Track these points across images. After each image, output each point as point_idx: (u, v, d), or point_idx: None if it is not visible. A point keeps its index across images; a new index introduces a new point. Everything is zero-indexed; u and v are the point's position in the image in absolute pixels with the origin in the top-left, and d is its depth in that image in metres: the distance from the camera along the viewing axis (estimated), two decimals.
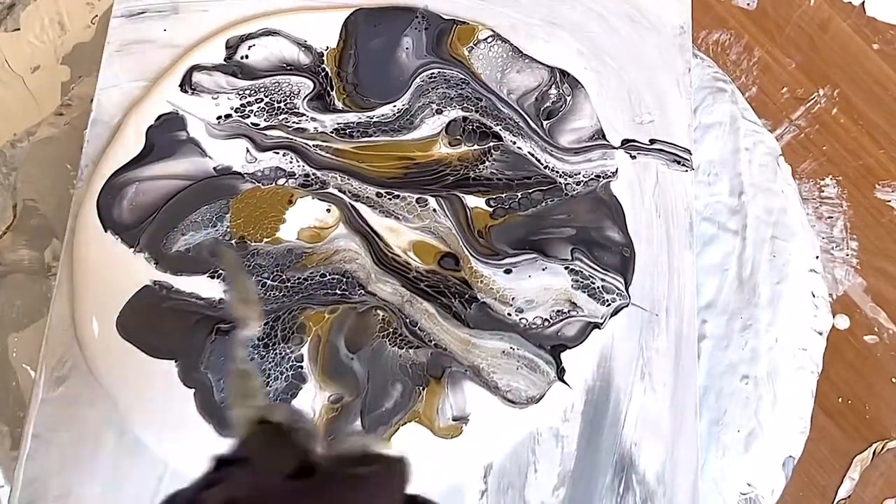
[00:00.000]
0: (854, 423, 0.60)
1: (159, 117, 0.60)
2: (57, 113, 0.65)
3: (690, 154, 0.62)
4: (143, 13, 0.64)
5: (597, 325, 0.57)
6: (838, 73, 0.69)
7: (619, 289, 0.58)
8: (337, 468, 0.33)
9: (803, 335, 0.60)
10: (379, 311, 0.57)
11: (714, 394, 0.59)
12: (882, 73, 0.69)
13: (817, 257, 0.62)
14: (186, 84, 0.61)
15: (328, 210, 0.59)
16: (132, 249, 0.57)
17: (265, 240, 0.58)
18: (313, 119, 0.61)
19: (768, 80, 0.68)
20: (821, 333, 0.61)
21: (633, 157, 0.62)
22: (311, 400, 0.55)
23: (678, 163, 0.62)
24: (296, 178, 0.60)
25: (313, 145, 0.61)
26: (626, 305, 0.58)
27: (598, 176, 0.61)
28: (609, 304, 0.58)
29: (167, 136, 0.60)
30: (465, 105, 0.62)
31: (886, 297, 0.63)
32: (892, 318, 0.63)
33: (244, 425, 0.38)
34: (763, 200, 0.63)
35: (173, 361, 0.55)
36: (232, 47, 0.63)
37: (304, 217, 0.59)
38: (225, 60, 0.62)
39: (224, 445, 0.37)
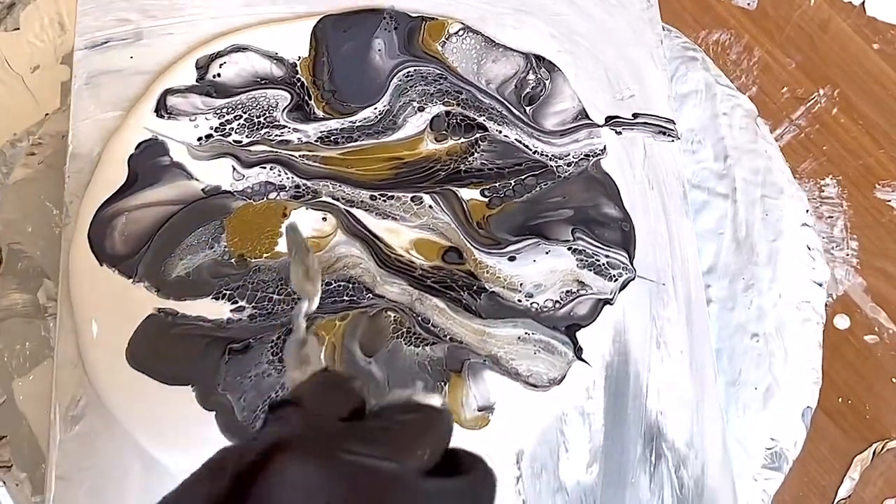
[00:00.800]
0: (854, 423, 0.61)
1: (139, 145, 0.59)
2: (29, 153, 0.63)
3: (674, 124, 0.63)
4: (106, 43, 0.63)
5: (607, 301, 0.58)
6: (838, 73, 0.69)
7: (623, 263, 0.59)
8: (383, 413, 0.34)
9: (804, 288, 0.61)
10: (390, 313, 0.56)
11: (727, 355, 0.60)
12: (882, 73, 0.69)
13: (808, 211, 0.63)
14: (162, 109, 0.60)
15: (324, 219, 0.59)
16: (131, 280, 0.56)
17: (265, 255, 0.57)
18: (296, 130, 0.61)
19: (768, 80, 0.69)
20: (821, 285, 0.62)
21: (619, 133, 0.62)
22: None
23: (663, 133, 0.62)
24: (287, 191, 0.59)
25: (299, 156, 0.60)
26: (633, 278, 0.59)
27: (588, 155, 0.61)
28: (616, 279, 0.58)
29: (150, 162, 0.59)
30: (446, 100, 0.62)
31: (886, 297, 0.64)
32: (892, 318, 0.63)
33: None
34: (748, 162, 0.64)
35: (189, 387, 0.54)
36: (202, 67, 0.62)
37: (300, 228, 0.58)
38: (197, 81, 0.61)
39: None
